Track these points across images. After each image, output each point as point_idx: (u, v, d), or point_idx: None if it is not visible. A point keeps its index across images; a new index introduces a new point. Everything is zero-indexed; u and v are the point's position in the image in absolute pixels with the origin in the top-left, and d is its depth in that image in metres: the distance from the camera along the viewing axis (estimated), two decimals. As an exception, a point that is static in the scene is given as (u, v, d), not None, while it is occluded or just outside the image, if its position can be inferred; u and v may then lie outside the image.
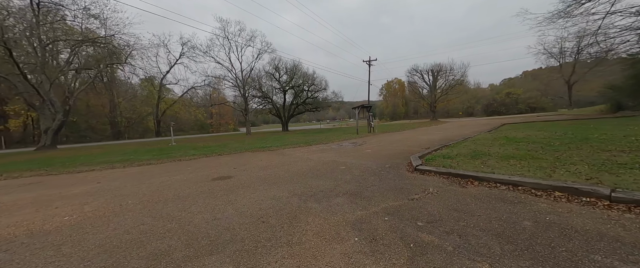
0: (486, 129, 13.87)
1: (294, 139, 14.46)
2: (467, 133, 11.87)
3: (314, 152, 8.26)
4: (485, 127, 15.69)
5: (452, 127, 18.35)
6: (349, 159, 6.24)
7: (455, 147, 6.40)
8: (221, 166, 6.33)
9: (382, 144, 9.51)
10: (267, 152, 9.08)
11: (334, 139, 12.78)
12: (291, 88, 31.67)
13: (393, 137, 12.45)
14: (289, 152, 8.68)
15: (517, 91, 52.00)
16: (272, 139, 15.57)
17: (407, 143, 9.36)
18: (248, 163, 6.70)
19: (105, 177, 5.79)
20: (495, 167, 3.83)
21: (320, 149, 9.09)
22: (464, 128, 15.88)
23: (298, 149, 9.61)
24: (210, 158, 8.41)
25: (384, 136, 13.29)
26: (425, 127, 20.87)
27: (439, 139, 9.64)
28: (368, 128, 16.95)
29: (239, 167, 6.05)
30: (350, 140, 12.09)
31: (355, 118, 16.02)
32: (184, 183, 4.57)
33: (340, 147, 9.38)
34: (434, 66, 35.25)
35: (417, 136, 11.87)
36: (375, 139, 11.62)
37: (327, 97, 33.55)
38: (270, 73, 29.55)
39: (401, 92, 77.46)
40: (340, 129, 28.15)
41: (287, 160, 6.75)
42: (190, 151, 10.58)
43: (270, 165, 6.08)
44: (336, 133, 19.61)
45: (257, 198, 3.38)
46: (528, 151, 5.01)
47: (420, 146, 8.00)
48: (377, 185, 3.70)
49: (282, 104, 32.66)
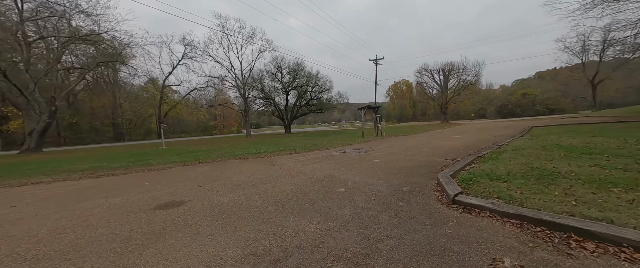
0: (512, 133, 12.07)
1: (293, 144, 13.03)
2: (492, 137, 10.13)
3: (309, 161, 6.78)
4: (509, 130, 13.84)
5: (469, 130, 16.52)
6: (351, 176, 4.72)
7: (497, 160, 4.79)
8: (187, 182, 4.92)
9: (394, 151, 7.93)
10: (256, 160, 7.66)
11: (336, 144, 11.26)
12: (294, 89, 30.35)
13: (405, 142, 10.83)
14: (280, 161, 7.22)
15: (534, 91, 49.14)
16: (269, 143, 14.18)
17: (423, 150, 7.75)
18: (223, 177, 5.27)
19: (36, 196, 4.47)
20: (600, 204, 2.26)
21: (319, 157, 7.60)
22: (484, 132, 14.07)
23: (293, 156, 8.14)
24: (187, 167, 7.05)
25: (393, 141, 11.69)
26: (437, 130, 19.08)
27: (463, 147, 8.00)
28: (375, 130, 15.36)
29: (207, 184, 4.63)
30: (355, 145, 10.54)
31: (361, 120, 14.47)
32: (110, 214, 3.16)
33: (342, 155, 7.85)
34: (445, 65, 33.29)
35: (434, 142, 10.21)
36: (384, 145, 10.04)
37: (332, 98, 32.06)
38: (272, 73, 28.33)
39: (409, 93, 75.37)
40: (345, 131, 26.59)
41: (273, 174, 5.29)
42: (173, 158, 9.27)
43: (247, 182, 4.63)
44: (340, 136, 18.08)
45: (179, 264, 1.91)
46: (624, 170, 3.38)
47: (441, 156, 6.39)
48: (396, 236, 2.17)
49: (285, 106, 31.36)
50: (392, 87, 77.17)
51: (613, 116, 18.30)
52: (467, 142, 9.36)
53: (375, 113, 15.09)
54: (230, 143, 16.34)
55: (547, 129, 11.72)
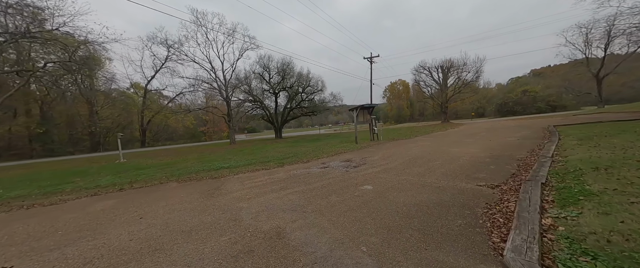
0: (534, 134, 9.98)
1: (272, 153, 10.83)
2: (514, 141, 8.01)
3: (271, 186, 4.58)
4: (526, 130, 11.76)
5: (477, 131, 14.45)
6: (314, 233, 2.54)
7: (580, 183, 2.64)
8: (21, 244, 2.70)
9: (393, 166, 5.77)
10: (200, 184, 5.44)
11: (322, 154, 9.08)
12: (283, 90, 28.24)
13: (407, 150, 8.67)
14: (232, 186, 5.02)
15: (535, 88, 47.55)
16: (246, 153, 11.97)
17: (435, 164, 5.60)
18: (96, 229, 3.06)
19: None
20: None
21: (289, 177, 5.40)
22: (497, 133, 11.98)
23: (257, 175, 5.94)
24: (93, 198, 4.82)
25: (392, 148, 9.53)
26: (441, 131, 17.00)
27: (487, 156, 5.87)
28: (370, 134, 13.23)
29: (36, 256, 2.41)
30: (345, 155, 8.36)
31: (363, 122, 12.38)
32: None
33: (322, 172, 5.67)
34: (444, 62, 31.36)
35: (444, 148, 8.06)
36: (381, 155, 7.87)
37: (325, 99, 29.94)
38: (259, 74, 26.19)
39: (405, 94, 73.83)
40: (340, 135, 24.45)
41: (190, 224, 3.09)
42: (104, 179, 7.03)
43: (120, 249, 2.42)
44: (332, 141, 15.92)
45: None
46: None
47: (467, 176, 4.23)
48: None
49: (274, 109, 29.19)
50: (389, 87, 75.48)
51: (632, 110, 16.38)
52: (487, 148, 7.23)
53: (370, 114, 12.96)
54: (204, 153, 14.08)
55: (579, 129, 9.65)
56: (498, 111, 53.49)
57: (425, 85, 35.07)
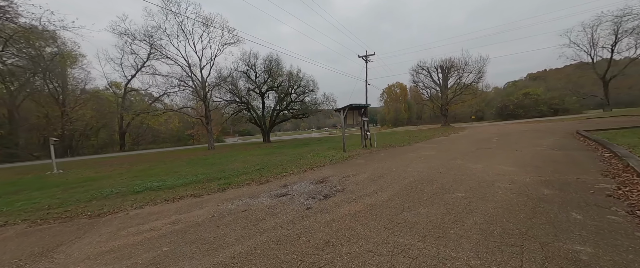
0: (560, 141, 7.81)
1: (233, 165, 8.55)
2: (546, 150, 5.81)
3: (158, 241, 2.28)
4: (552, 137, 9.60)
5: (488, 136, 12.29)
6: None
7: None
8: None
9: (385, 198, 3.52)
10: (48, 231, 3.12)
11: (293, 168, 6.80)
12: (271, 90, 26.02)
13: (405, 164, 6.43)
14: (86, 241, 2.71)
15: (536, 90, 45.90)
16: (206, 164, 9.69)
17: (455, 194, 3.35)
18: None
19: None
20: None
21: (200, 224, 3.12)
22: (514, 138, 9.81)
23: (165, 208, 3.65)
24: None
25: (387, 159, 7.28)
26: (443, 136, 14.83)
27: (541, 182, 3.64)
28: (362, 139, 11.00)
29: None
30: (322, 170, 6.09)
31: (353, 125, 10.09)
32: None
33: (267, 213, 3.38)
34: (445, 61, 29.33)
35: (458, 162, 5.83)
36: (370, 172, 5.62)
37: (317, 100, 27.74)
38: (243, 72, 23.94)
39: (403, 96, 72.07)
40: (331, 140, 22.24)
41: None
42: None
43: None
44: (318, 148, 13.68)
45: None
46: None
47: (532, 234, 1.96)
48: None
49: (261, 110, 26.91)
50: (386, 90, 73.55)
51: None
52: (523, 163, 5.02)
53: (362, 116, 10.74)
54: (163, 161, 11.71)
55: (628, 136, 7.48)
56: (499, 115, 51.74)
57: (424, 86, 33.02)
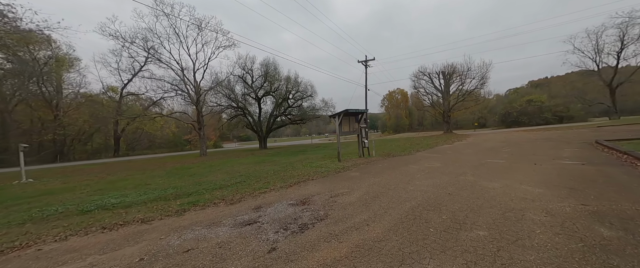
0: (587, 153, 6.89)
1: (213, 177, 7.68)
2: (575, 166, 4.89)
3: None
4: (570, 147, 8.67)
5: (495, 145, 11.36)
6: None
7: None
8: None
9: (378, 233, 2.61)
10: None
11: (277, 181, 5.91)
12: (268, 94, 25.32)
13: (407, 180, 5.53)
14: None
15: (541, 98, 45.02)
16: (186, 174, 8.82)
17: (475, 232, 2.45)
18: None
19: None
20: None
21: (126, 261, 2.21)
22: (525, 148, 8.89)
23: (99, 240, 2.74)
24: None
25: (385, 172, 6.37)
26: (447, 144, 13.91)
27: (587, 212, 2.73)
28: (359, 148, 10.10)
29: None
30: (309, 186, 5.18)
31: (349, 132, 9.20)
32: None
33: (215, 256, 2.47)
34: (446, 67, 28.62)
35: (469, 179, 4.93)
36: (363, 190, 4.72)
37: (315, 105, 26.97)
38: (239, 76, 23.29)
39: (404, 102, 71.44)
40: (329, 146, 21.34)
41: None
42: None
43: None
44: (312, 156, 12.83)
45: None
46: None
47: None
48: None
49: (258, 115, 26.14)
50: (387, 96, 72.96)
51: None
52: (552, 183, 4.11)
53: (358, 122, 9.87)
54: (143, 170, 10.84)
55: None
56: (502, 122, 50.77)
57: (425, 92, 32.23)
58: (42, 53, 25.31)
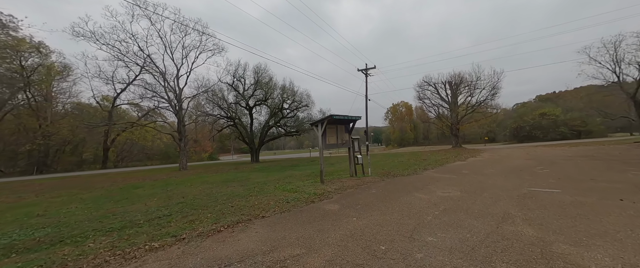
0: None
1: (137, 207, 5.61)
2: None
3: None
4: (634, 169, 6.37)
5: (520, 164, 9.05)
6: None
7: None
8: None
9: None
10: None
11: (203, 223, 3.77)
12: (260, 103, 23.63)
13: (414, 224, 3.36)
14: None
15: (555, 111, 42.37)
16: (119, 198, 6.78)
17: None
18: None
19: None
20: None
21: None
22: (568, 170, 6.63)
23: None
24: None
25: (379, 207, 4.21)
26: (459, 161, 11.61)
27: None
28: (350, 165, 7.96)
29: None
30: (243, 235, 3.03)
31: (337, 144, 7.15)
32: None
33: None
34: (453, 76, 26.68)
35: (527, 232, 2.75)
36: (331, 253, 2.56)
37: (312, 116, 25.09)
38: (229, 84, 21.76)
39: (409, 115, 69.19)
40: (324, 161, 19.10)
41: None
42: None
43: None
44: (297, 173, 10.73)
45: None
46: None
47: None
48: None
49: (250, 126, 24.34)
50: (391, 109, 71.02)
51: None
52: None
53: (349, 133, 7.81)
54: (102, 187, 8.84)
55: None
56: (514, 136, 47.89)
57: (430, 104, 30.08)
58: (30, 61, 24.59)
